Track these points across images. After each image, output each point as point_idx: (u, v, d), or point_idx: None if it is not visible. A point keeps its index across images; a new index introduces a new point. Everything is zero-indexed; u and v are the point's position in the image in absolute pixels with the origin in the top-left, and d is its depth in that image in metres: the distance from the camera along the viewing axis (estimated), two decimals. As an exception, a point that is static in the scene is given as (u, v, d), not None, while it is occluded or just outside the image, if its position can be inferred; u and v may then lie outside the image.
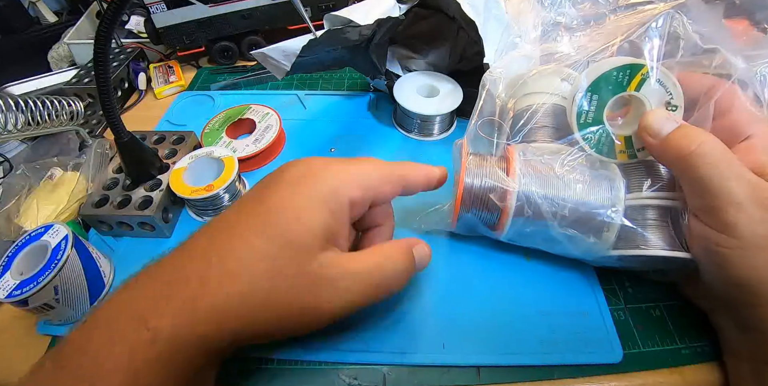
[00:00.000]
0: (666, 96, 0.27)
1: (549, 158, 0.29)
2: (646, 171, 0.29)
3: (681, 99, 0.27)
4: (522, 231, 0.30)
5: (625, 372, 0.28)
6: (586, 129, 0.29)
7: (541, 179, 0.28)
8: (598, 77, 0.28)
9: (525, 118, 0.31)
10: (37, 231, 0.31)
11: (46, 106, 0.41)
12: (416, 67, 0.49)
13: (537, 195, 0.28)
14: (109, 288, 0.34)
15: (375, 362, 0.29)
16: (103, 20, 0.28)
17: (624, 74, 0.27)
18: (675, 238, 0.27)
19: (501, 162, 0.30)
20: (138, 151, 0.37)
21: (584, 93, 0.28)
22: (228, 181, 0.36)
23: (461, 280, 0.33)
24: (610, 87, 0.28)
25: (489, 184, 0.29)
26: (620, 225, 0.27)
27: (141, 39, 0.61)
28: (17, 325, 0.33)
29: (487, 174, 0.29)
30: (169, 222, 0.38)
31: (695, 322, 0.30)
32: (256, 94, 0.53)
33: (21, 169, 0.40)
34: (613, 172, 0.29)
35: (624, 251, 0.28)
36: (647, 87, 0.27)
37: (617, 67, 0.27)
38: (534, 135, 0.32)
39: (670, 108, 0.27)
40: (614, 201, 0.27)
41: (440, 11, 0.46)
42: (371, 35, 0.40)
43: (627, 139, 0.28)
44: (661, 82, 0.27)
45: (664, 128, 0.26)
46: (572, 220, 0.28)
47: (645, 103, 0.28)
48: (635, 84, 0.27)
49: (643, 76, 0.27)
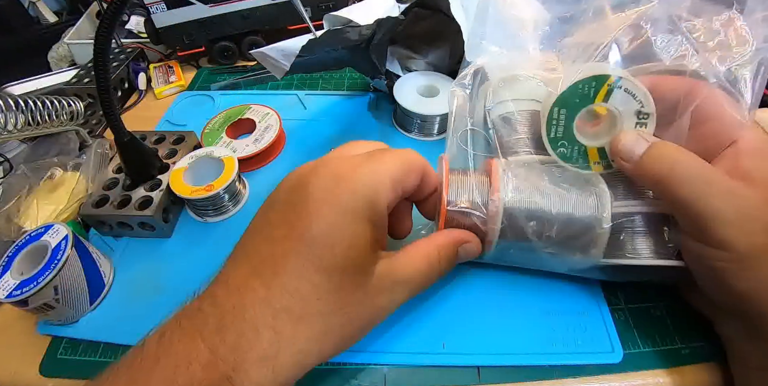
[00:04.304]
0: (636, 104, 0.26)
1: (531, 173, 0.28)
2: (628, 179, 0.28)
3: (652, 106, 0.26)
4: (506, 253, 0.29)
5: (625, 372, 0.28)
6: (558, 143, 0.28)
7: (525, 199, 0.27)
8: (564, 91, 0.27)
9: (504, 129, 0.30)
10: (37, 231, 0.31)
11: (46, 106, 0.41)
12: (416, 67, 0.49)
13: (521, 217, 0.27)
14: (109, 288, 0.34)
15: (375, 362, 0.29)
16: (103, 20, 0.28)
17: (590, 86, 0.26)
18: (663, 246, 0.27)
19: (484, 178, 0.28)
20: (138, 151, 0.37)
21: (550, 108, 0.27)
22: (228, 181, 0.36)
23: (461, 280, 0.33)
24: (577, 100, 0.27)
25: (472, 206, 0.27)
26: (607, 241, 0.27)
27: (141, 39, 0.61)
28: (17, 325, 0.33)
29: (470, 195, 0.27)
30: (169, 222, 0.38)
31: (695, 322, 0.30)
32: (256, 94, 0.53)
33: (21, 169, 0.40)
34: (599, 187, 0.27)
35: (612, 260, 0.27)
36: (615, 97, 0.26)
37: (582, 80, 0.26)
38: (515, 146, 0.31)
39: (642, 116, 0.27)
40: (601, 220, 0.26)
41: (440, 11, 0.46)
42: (371, 35, 0.40)
43: (600, 150, 0.28)
44: (629, 90, 0.26)
45: (636, 150, 0.25)
46: (558, 241, 0.27)
47: (615, 114, 0.27)
48: (602, 95, 0.26)
49: (610, 87, 0.26)
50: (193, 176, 0.38)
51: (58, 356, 0.31)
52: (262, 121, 0.44)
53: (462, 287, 0.33)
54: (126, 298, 0.34)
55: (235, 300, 0.21)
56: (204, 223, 0.39)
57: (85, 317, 0.32)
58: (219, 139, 0.43)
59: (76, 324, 0.32)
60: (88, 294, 0.32)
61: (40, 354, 0.31)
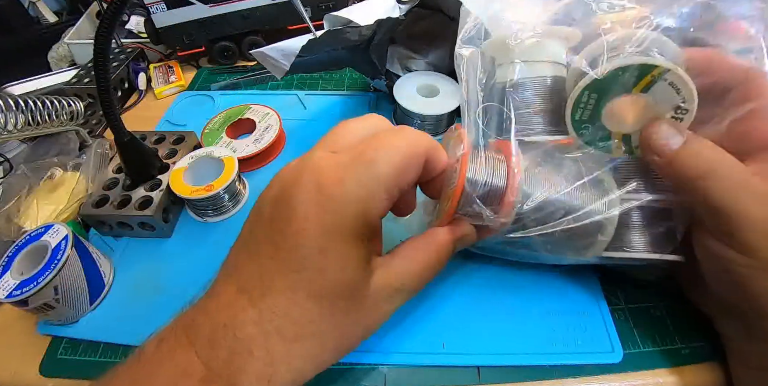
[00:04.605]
0: (677, 99, 0.24)
1: (545, 166, 0.27)
2: (634, 169, 0.27)
3: (694, 102, 0.24)
4: (510, 243, 0.28)
5: (625, 372, 0.28)
6: (581, 125, 0.27)
7: (539, 191, 0.26)
8: (602, 77, 0.25)
9: (515, 102, 0.27)
10: (37, 231, 0.31)
11: (46, 106, 0.41)
12: (416, 67, 0.49)
13: (533, 210, 0.26)
14: (109, 289, 0.34)
15: (375, 362, 0.29)
16: (103, 20, 0.28)
17: (632, 74, 0.24)
18: (662, 240, 0.27)
19: (499, 164, 0.26)
20: (138, 151, 0.37)
21: (581, 91, 0.26)
22: (228, 181, 0.36)
23: (461, 280, 0.33)
24: (614, 86, 0.25)
25: (487, 196, 0.25)
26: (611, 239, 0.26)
27: (141, 39, 0.61)
28: (17, 325, 0.33)
29: (485, 184, 0.25)
30: (169, 222, 0.38)
31: (695, 322, 0.30)
32: (256, 94, 0.53)
33: (21, 169, 0.40)
34: (610, 191, 0.27)
35: (612, 253, 0.27)
36: (657, 89, 0.24)
37: (626, 66, 0.24)
38: (528, 123, 0.28)
39: (680, 111, 0.25)
40: (607, 227, 0.26)
41: (440, 11, 0.46)
42: (371, 35, 0.40)
43: (625, 135, 0.26)
44: (674, 84, 0.24)
45: (671, 145, 0.24)
46: (559, 240, 0.27)
47: (652, 106, 0.25)
48: (643, 85, 0.25)
49: (653, 78, 0.24)
50: (193, 176, 0.38)
51: (58, 356, 0.31)
52: (262, 121, 0.44)
53: (462, 287, 0.33)
54: (126, 298, 0.34)
55: (225, 317, 0.21)
56: (204, 223, 0.39)
57: (85, 317, 0.32)
58: (219, 139, 0.43)
59: (76, 324, 0.32)
60: (88, 294, 0.32)
61: (40, 354, 0.31)
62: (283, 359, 0.21)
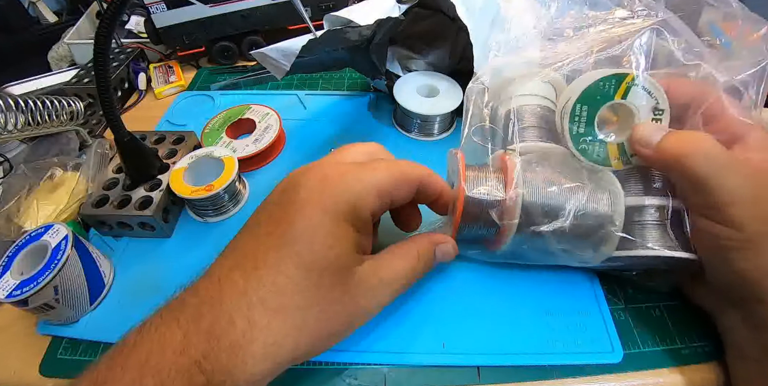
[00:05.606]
0: (652, 101, 0.28)
1: (545, 167, 0.29)
2: (641, 174, 0.29)
3: (666, 103, 0.28)
4: (518, 248, 0.30)
5: (625, 372, 0.28)
6: (580, 140, 0.29)
7: (540, 194, 0.28)
8: (586, 88, 0.29)
9: (513, 119, 0.32)
10: (37, 232, 0.31)
11: (46, 106, 0.41)
12: (416, 67, 0.49)
13: (536, 212, 0.27)
14: (109, 289, 0.34)
15: (375, 362, 0.29)
16: (103, 20, 0.28)
17: (610, 83, 0.28)
18: (674, 239, 0.27)
19: (499, 174, 0.29)
20: (138, 151, 0.37)
21: (573, 105, 0.29)
22: (228, 181, 0.36)
23: (461, 280, 0.33)
24: (598, 97, 0.29)
25: (488, 201, 0.28)
26: (619, 238, 0.27)
27: (141, 39, 0.61)
28: (17, 325, 0.33)
29: (486, 191, 0.28)
30: (169, 222, 0.38)
31: (695, 322, 0.30)
32: (256, 94, 0.53)
33: (21, 169, 0.40)
34: (612, 183, 0.28)
35: (624, 252, 0.28)
36: (633, 94, 0.28)
37: (603, 77, 0.28)
38: (522, 134, 0.32)
39: (657, 112, 0.28)
40: (615, 217, 0.27)
41: (440, 11, 0.46)
42: (371, 35, 0.40)
43: (620, 146, 0.29)
44: (646, 88, 0.28)
45: (654, 137, 0.26)
46: (572, 236, 0.28)
47: (633, 109, 0.28)
48: (621, 92, 0.28)
49: (628, 85, 0.28)
50: (193, 176, 0.38)
51: (58, 356, 0.31)
52: (262, 121, 0.44)
53: (462, 287, 0.33)
54: (126, 298, 0.34)
55: (215, 291, 0.22)
56: (204, 223, 0.39)
57: (85, 317, 0.32)
58: (219, 139, 0.43)
59: (76, 324, 0.32)
60: (88, 295, 0.32)
61: (40, 354, 0.31)
62: (262, 330, 0.21)
